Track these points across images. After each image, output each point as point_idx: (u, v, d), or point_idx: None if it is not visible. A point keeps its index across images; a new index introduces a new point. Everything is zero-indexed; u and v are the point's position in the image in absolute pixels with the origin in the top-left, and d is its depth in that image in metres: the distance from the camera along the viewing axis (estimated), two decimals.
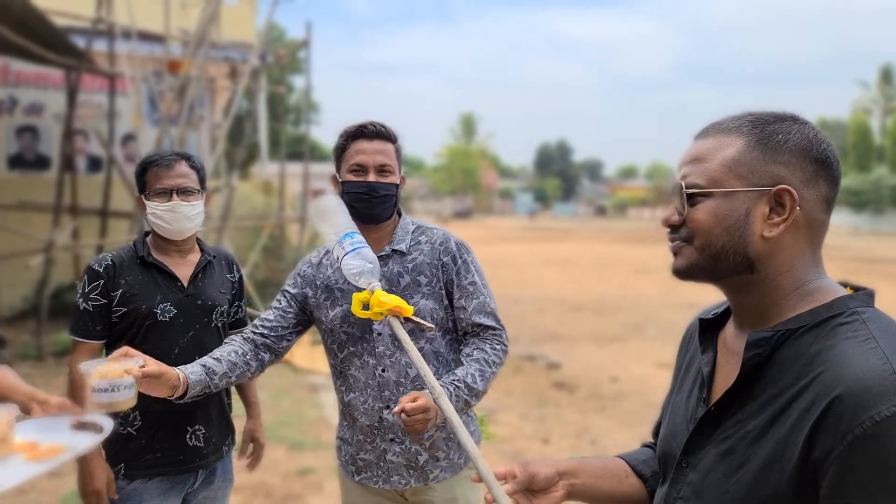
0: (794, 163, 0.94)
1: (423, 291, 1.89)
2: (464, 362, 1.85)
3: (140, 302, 1.98)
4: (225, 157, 9.40)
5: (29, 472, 1.28)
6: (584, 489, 1.17)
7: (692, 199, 0.98)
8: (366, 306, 1.63)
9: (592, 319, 10.18)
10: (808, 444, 0.84)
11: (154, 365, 1.58)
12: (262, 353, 1.90)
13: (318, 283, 1.96)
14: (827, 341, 0.89)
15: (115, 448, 1.97)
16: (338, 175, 1.93)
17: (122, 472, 1.96)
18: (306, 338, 1.68)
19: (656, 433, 1.25)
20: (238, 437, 2.26)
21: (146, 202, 2.01)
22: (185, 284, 2.05)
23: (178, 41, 8.40)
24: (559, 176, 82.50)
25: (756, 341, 0.94)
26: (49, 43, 6.33)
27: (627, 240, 29.09)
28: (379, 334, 1.88)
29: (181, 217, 2.00)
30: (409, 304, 1.85)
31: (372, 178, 1.86)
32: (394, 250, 1.91)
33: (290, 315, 1.96)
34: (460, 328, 1.95)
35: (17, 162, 8.79)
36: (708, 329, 1.08)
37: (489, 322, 1.91)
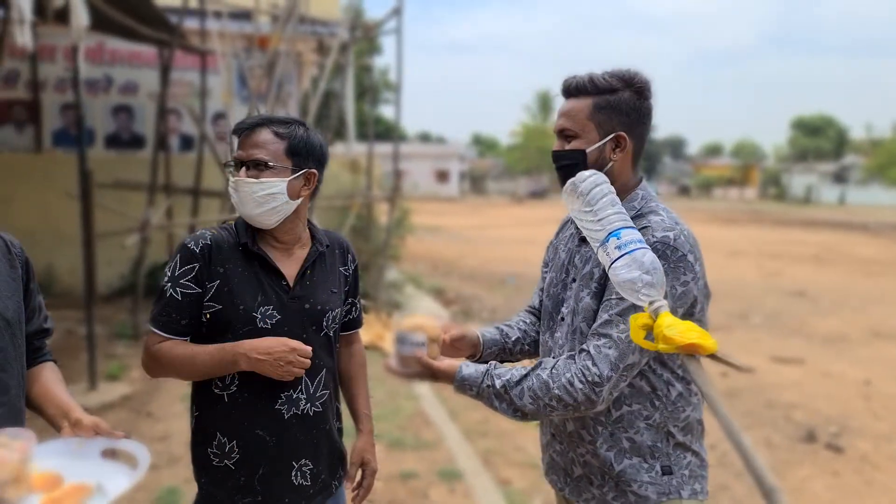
0: None
1: (592, 288, 1.58)
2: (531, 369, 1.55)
3: (238, 301, 1.63)
4: None
5: None
6: None
7: None
8: (649, 334, 1.23)
9: None
10: None
11: (456, 329, 1.75)
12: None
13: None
14: None
15: (210, 486, 1.69)
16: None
17: None
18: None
19: None
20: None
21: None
22: (291, 284, 1.69)
23: (267, 16, 8.25)
24: None
25: None
26: (142, 17, 6.28)
27: (715, 220, 27.70)
28: (562, 319, 1.67)
29: (245, 197, 1.63)
30: (579, 297, 1.58)
31: (556, 144, 1.67)
32: None
33: None
34: None
35: (113, 141, 8.96)
36: None
37: (593, 350, 1.48)
